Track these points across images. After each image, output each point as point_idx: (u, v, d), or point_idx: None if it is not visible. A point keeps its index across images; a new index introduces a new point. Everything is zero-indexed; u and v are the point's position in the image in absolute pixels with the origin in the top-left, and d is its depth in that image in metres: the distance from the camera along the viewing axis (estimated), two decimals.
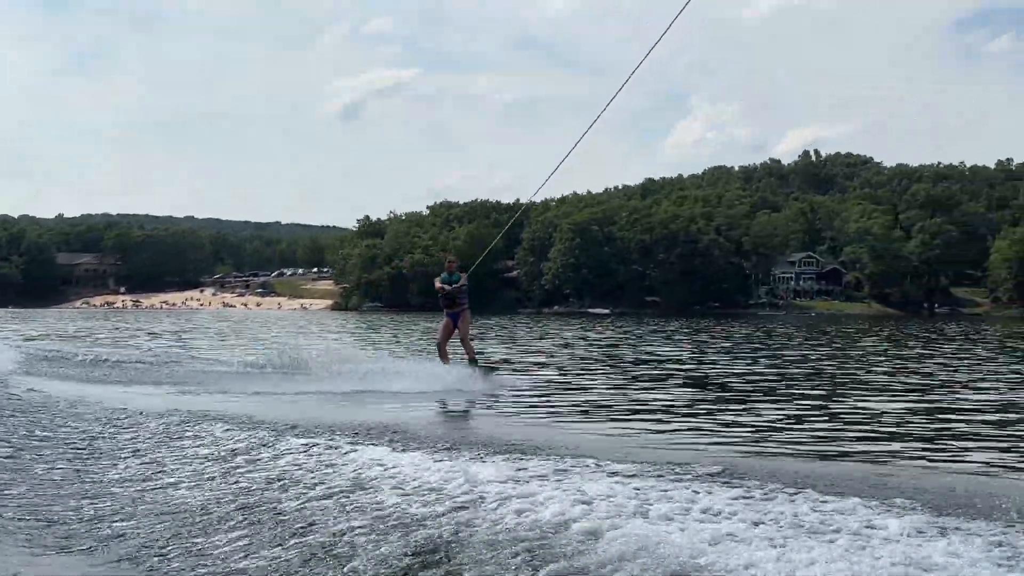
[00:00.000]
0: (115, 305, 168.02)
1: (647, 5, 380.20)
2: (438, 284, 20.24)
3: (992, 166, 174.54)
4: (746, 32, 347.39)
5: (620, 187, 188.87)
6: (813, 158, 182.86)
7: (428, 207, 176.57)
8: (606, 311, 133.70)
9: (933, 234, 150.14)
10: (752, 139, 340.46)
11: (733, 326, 69.12)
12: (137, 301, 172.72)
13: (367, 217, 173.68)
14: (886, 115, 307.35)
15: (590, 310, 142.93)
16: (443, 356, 19.69)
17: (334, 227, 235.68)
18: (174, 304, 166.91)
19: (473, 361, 19.81)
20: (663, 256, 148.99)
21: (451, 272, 20.36)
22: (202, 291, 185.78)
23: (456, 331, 19.88)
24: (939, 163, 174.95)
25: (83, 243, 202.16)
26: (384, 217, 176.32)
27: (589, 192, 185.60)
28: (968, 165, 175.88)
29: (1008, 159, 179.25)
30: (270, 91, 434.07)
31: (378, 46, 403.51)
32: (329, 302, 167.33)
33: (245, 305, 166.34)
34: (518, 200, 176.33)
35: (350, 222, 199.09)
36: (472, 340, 20.86)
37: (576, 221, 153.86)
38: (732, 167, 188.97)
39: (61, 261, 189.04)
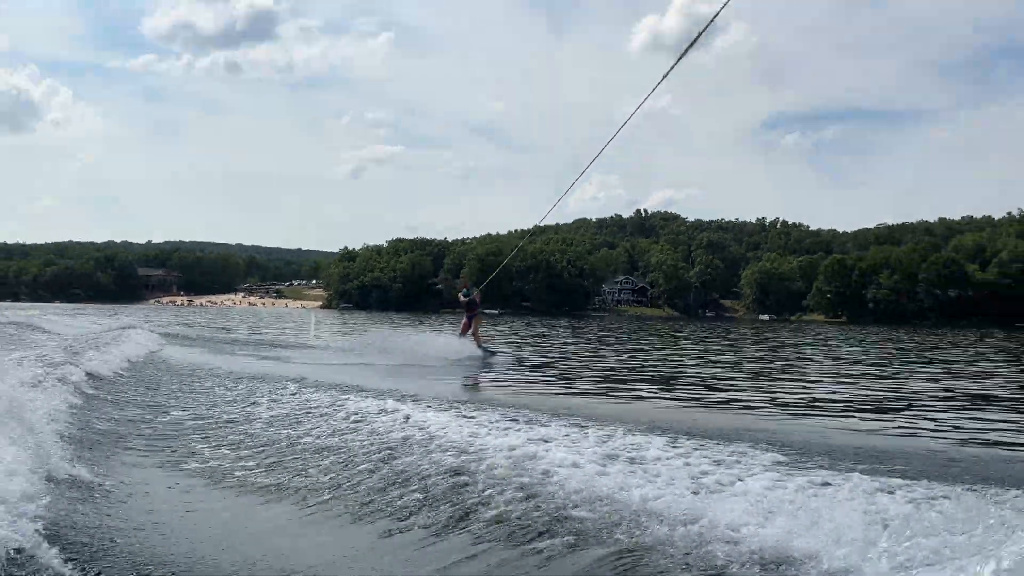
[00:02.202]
0: (176, 303, 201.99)
1: (558, 107, 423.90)
2: (461, 297, 23.02)
3: (753, 221, 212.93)
4: (629, 125, 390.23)
5: (518, 230, 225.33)
6: (643, 214, 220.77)
7: (387, 241, 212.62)
8: (496, 311, 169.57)
9: (707, 265, 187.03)
10: (628, 196, 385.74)
11: (581, 323, 80.00)
12: (191, 300, 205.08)
13: (346, 247, 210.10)
14: (711, 183, 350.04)
15: (486, 311, 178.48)
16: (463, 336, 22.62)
17: (335, 253, 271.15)
18: (215, 303, 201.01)
19: (480, 346, 21.89)
20: (533, 276, 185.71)
21: (467, 288, 23.41)
22: (235, 295, 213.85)
23: (471, 328, 22.40)
24: (722, 219, 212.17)
25: (159, 262, 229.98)
26: (358, 247, 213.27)
27: (498, 233, 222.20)
28: (740, 220, 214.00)
29: (762, 217, 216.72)
30: (297, 157, 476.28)
31: (375, 129, 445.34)
32: (319, 303, 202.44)
33: (263, 304, 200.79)
34: (446, 238, 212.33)
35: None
36: (482, 332, 23.14)
37: (478, 253, 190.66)
38: (591, 219, 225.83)
39: (141, 273, 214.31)
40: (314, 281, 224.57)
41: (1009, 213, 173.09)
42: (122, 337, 21.36)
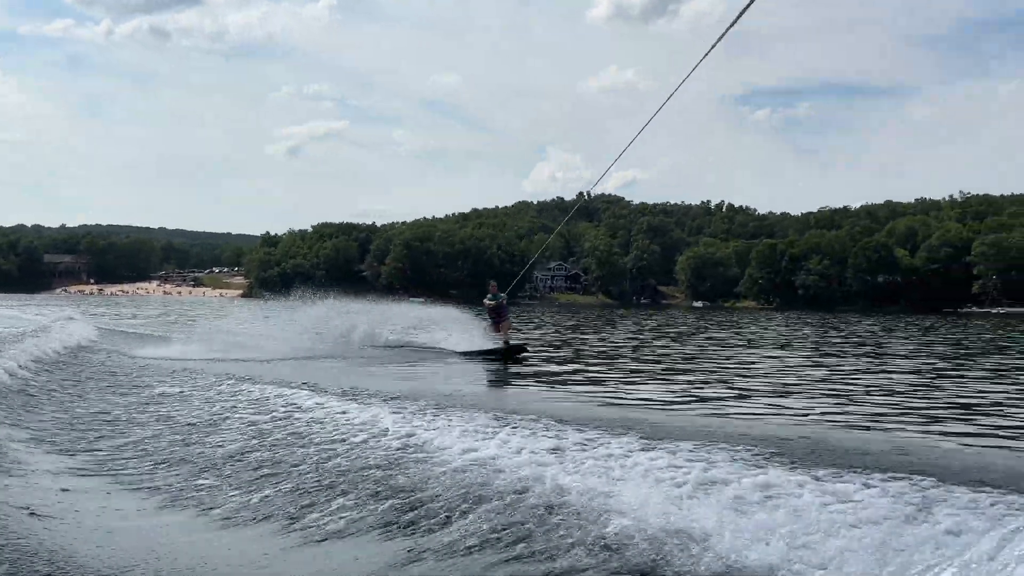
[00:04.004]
0: (84, 292, 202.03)
1: (518, 78, 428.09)
2: (487, 302, 24.35)
3: (698, 204, 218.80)
4: (587, 101, 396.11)
5: (455, 213, 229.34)
6: (586, 197, 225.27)
7: (312, 226, 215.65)
8: (421, 300, 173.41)
9: (643, 251, 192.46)
10: (590, 177, 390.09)
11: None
12: (101, 289, 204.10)
13: (267, 232, 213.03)
14: (677, 162, 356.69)
15: (411, 300, 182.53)
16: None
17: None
18: (127, 292, 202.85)
19: (506, 343, 23.37)
20: (461, 263, 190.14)
21: (495, 294, 24.32)
22: (149, 282, 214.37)
23: (499, 330, 23.87)
24: (667, 202, 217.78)
25: (67, 247, 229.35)
26: (282, 232, 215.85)
27: (433, 216, 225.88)
28: (685, 204, 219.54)
29: (707, 200, 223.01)
30: (230, 133, 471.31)
31: (316, 103, 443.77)
32: (239, 292, 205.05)
33: (179, 293, 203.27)
34: (374, 222, 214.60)
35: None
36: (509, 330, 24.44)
37: (405, 238, 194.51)
38: (532, 202, 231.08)
39: (47, 260, 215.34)
40: (236, 268, 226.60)
41: (951, 196, 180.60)
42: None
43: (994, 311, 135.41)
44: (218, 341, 25.73)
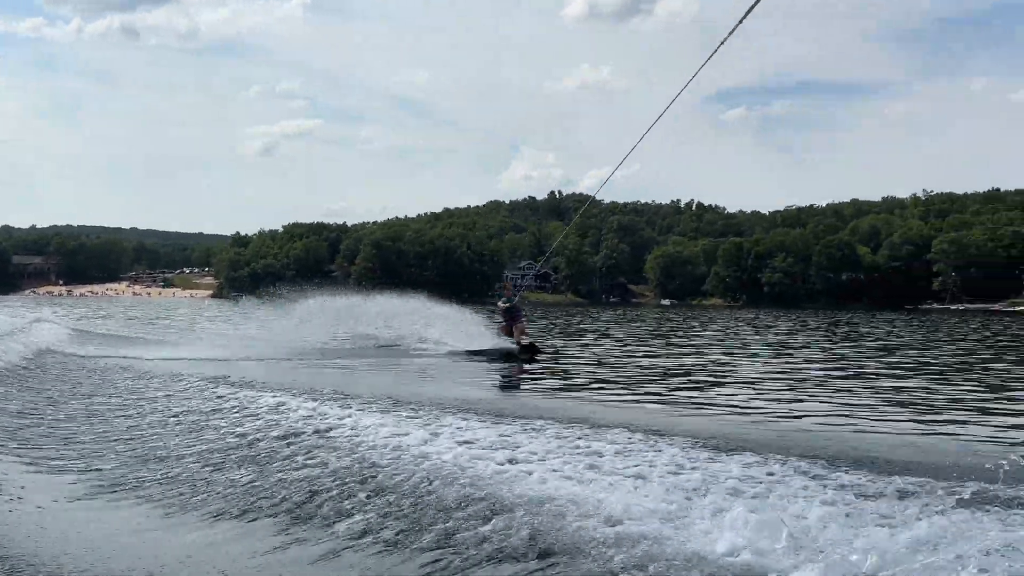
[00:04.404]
0: (54, 293, 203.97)
1: (492, 76, 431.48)
2: (501, 304, 25.03)
3: (668, 203, 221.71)
4: (561, 99, 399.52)
5: (427, 213, 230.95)
6: (558, 196, 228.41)
7: (283, 226, 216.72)
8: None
9: (612, 250, 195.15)
10: (563, 176, 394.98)
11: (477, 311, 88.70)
12: (70, 290, 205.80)
13: (238, 232, 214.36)
14: (651, 161, 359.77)
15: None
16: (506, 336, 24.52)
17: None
18: (96, 293, 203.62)
19: (519, 344, 23.76)
20: (431, 262, 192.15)
21: (508, 297, 25.09)
22: (119, 283, 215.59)
23: (511, 331, 24.32)
24: (637, 201, 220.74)
25: (37, 248, 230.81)
26: (252, 232, 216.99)
27: (406, 216, 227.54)
28: (656, 203, 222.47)
29: (677, 199, 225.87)
30: (202, 132, 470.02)
31: (289, 101, 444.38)
32: (210, 292, 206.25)
33: (149, 294, 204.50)
34: (345, 222, 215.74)
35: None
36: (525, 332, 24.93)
37: (374, 238, 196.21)
38: (504, 201, 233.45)
39: (16, 261, 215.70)
40: (206, 269, 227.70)
41: (914, 195, 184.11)
42: None
43: (953, 307, 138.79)
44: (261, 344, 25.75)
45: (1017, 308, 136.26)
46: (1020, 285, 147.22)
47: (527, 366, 21.73)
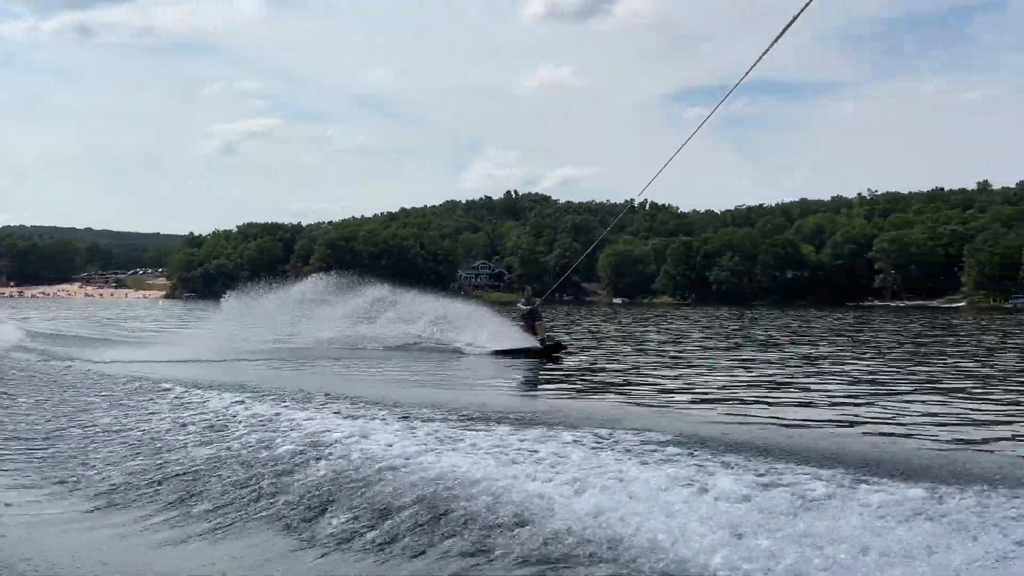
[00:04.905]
0: (5, 294, 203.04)
1: (453, 75, 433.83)
2: (521, 306, 25.49)
3: (622, 202, 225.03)
4: (522, 99, 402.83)
5: (384, 212, 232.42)
6: (514, 196, 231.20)
7: (237, 226, 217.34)
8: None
9: (566, 249, 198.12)
10: (527, 175, 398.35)
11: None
12: (21, 291, 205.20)
13: (191, 232, 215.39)
14: (612, 160, 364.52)
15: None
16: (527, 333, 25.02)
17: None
18: (47, 294, 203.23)
19: (542, 342, 24.39)
20: (384, 262, 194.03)
21: (528, 299, 25.71)
22: (71, 284, 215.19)
23: (534, 331, 24.82)
24: (592, 200, 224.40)
25: None
26: (206, 233, 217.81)
27: (362, 216, 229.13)
28: (610, 202, 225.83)
29: (630, 199, 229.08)
30: (160, 131, 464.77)
31: (249, 100, 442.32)
32: (163, 293, 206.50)
33: (101, 295, 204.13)
34: (300, 222, 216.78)
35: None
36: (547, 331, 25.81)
37: (328, 238, 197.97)
38: (460, 201, 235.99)
39: None
40: (160, 269, 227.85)
41: (859, 194, 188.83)
42: None
43: (893, 304, 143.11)
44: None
45: (955, 304, 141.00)
46: (958, 283, 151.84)
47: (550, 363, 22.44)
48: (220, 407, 11.48)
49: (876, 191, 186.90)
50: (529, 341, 24.50)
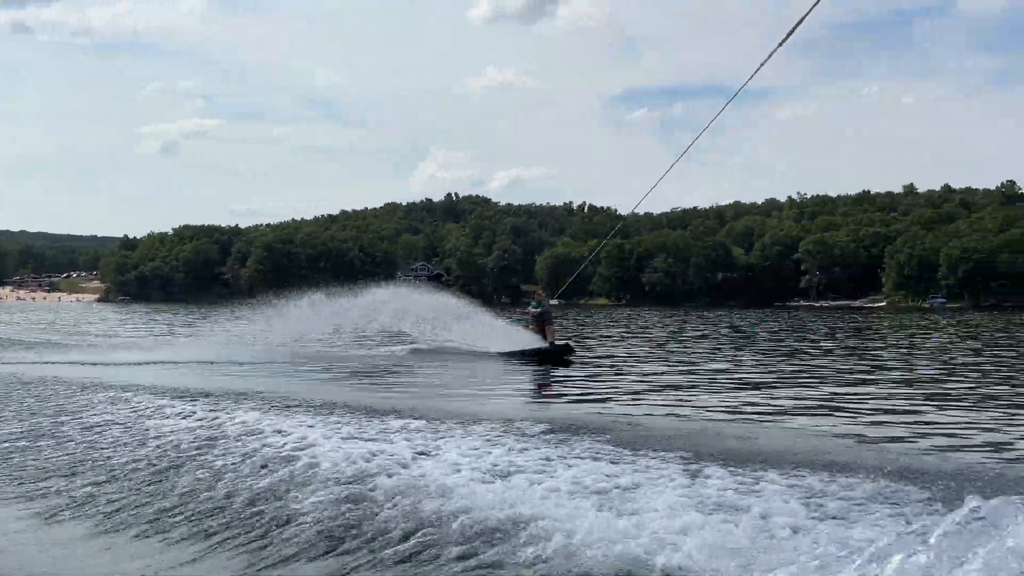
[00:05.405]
0: None
1: (400, 77, 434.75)
2: (531, 309, 25.57)
3: (561, 205, 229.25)
4: (469, 101, 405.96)
5: (324, 215, 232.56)
6: (454, 198, 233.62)
7: (173, 228, 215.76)
8: None
9: (505, 251, 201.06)
10: (473, 177, 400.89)
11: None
12: None
13: (126, 235, 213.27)
14: (559, 162, 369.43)
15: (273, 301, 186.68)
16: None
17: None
18: None
19: (552, 343, 24.52)
20: (323, 264, 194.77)
21: (539, 300, 25.85)
22: (3, 287, 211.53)
23: (544, 333, 24.90)
24: (532, 203, 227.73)
25: None
26: (141, 235, 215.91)
27: (303, 219, 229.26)
28: (550, 204, 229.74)
29: (569, 202, 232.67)
30: (96, 131, 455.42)
31: (189, 100, 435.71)
32: (96, 296, 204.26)
33: (33, 299, 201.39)
34: (237, 224, 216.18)
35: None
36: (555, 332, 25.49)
37: (266, 240, 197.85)
38: (401, 203, 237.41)
39: None
40: (94, 272, 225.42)
41: (789, 197, 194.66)
42: None
43: (817, 304, 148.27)
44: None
45: (875, 305, 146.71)
46: (879, 283, 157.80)
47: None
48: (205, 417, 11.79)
49: (806, 194, 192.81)
50: (538, 343, 24.70)
